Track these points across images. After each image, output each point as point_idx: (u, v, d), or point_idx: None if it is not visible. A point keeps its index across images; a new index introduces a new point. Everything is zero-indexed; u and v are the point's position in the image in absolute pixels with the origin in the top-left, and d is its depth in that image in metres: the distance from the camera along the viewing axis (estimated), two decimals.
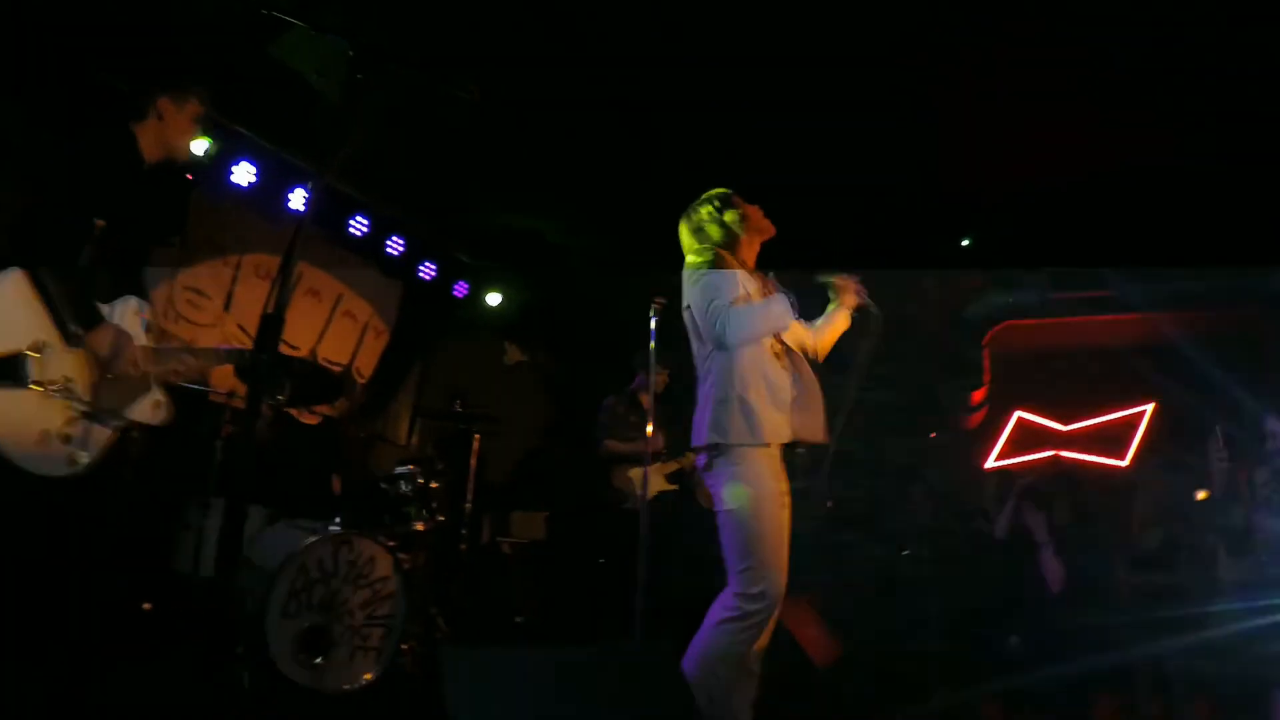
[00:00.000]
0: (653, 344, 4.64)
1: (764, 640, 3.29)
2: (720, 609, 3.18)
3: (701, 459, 3.42)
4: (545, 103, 5.39)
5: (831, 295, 3.81)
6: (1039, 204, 6.42)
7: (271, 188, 5.88)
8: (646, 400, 5.59)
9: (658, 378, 5.58)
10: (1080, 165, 5.92)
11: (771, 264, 3.72)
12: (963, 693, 4.80)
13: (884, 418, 6.90)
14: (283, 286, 2.11)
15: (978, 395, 8.23)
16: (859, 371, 3.77)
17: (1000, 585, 5.38)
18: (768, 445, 3.30)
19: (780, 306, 3.40)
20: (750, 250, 3.67)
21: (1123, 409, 8.51)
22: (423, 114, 5.42)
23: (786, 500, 3.38)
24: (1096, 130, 5.51)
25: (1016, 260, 7.22)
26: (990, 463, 8.77)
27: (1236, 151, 5.53)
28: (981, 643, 5.17)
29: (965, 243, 7.06)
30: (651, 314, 4.49)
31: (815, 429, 3.44)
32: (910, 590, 5.71)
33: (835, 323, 3.78)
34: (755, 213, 3.66)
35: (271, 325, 2.12)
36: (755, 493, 3.23)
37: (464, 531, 5.95)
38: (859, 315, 3.79)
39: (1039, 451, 8.63)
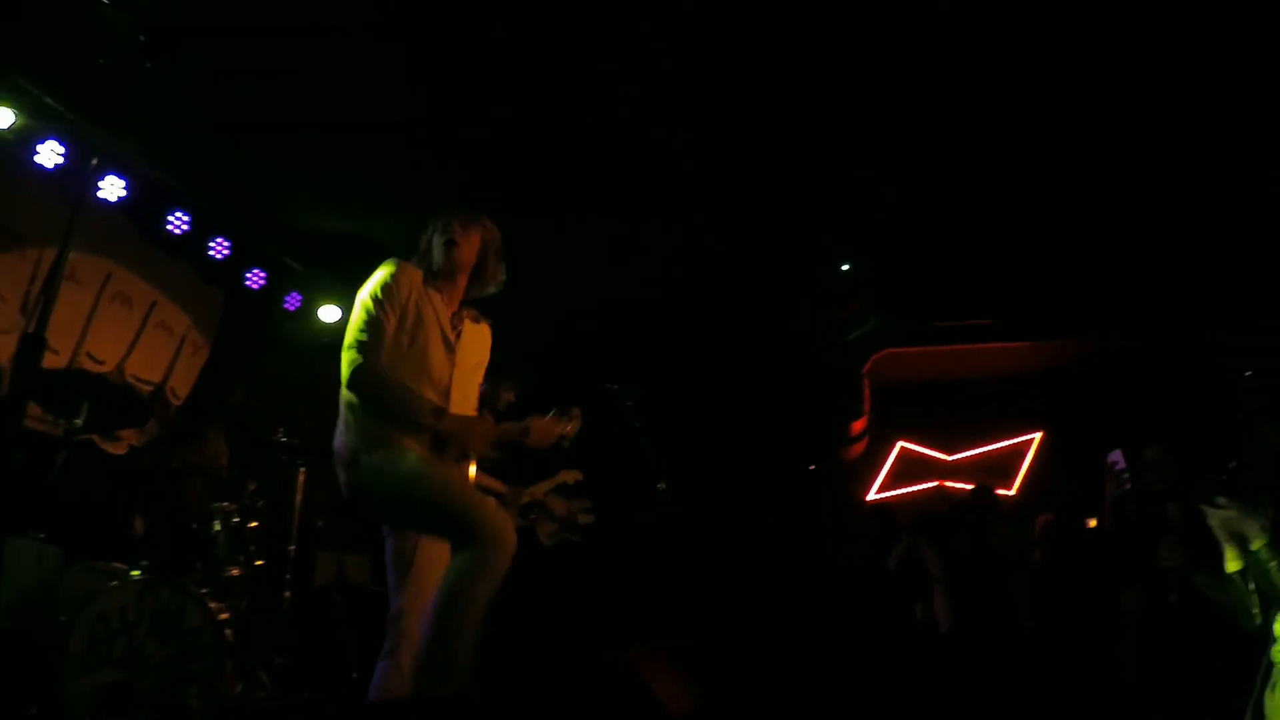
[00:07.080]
0: None
1: None
2: (454, 574, 3.16)
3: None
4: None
5: None
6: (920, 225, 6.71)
7: (83, 173, 5.32)
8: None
9: (504, 393, 5.56)
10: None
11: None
12: None
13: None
14: (48, 299, 1.97)
15: (858, 425, 8.51)
16: None
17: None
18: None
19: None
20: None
21: (1009, 438, 9.04)
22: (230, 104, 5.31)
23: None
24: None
25: (897, 285, 7.49)
26: (872, 495, 9.09)
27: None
28: None
29: (845, 267, 7.28)
30: None
31: None
32: None
33: None
34: (470, 245, 3.46)
35: (30, 347, 1.98)
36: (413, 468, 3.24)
37: (288, 576, 5.70)
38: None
39: (923, 483, 9.03)
